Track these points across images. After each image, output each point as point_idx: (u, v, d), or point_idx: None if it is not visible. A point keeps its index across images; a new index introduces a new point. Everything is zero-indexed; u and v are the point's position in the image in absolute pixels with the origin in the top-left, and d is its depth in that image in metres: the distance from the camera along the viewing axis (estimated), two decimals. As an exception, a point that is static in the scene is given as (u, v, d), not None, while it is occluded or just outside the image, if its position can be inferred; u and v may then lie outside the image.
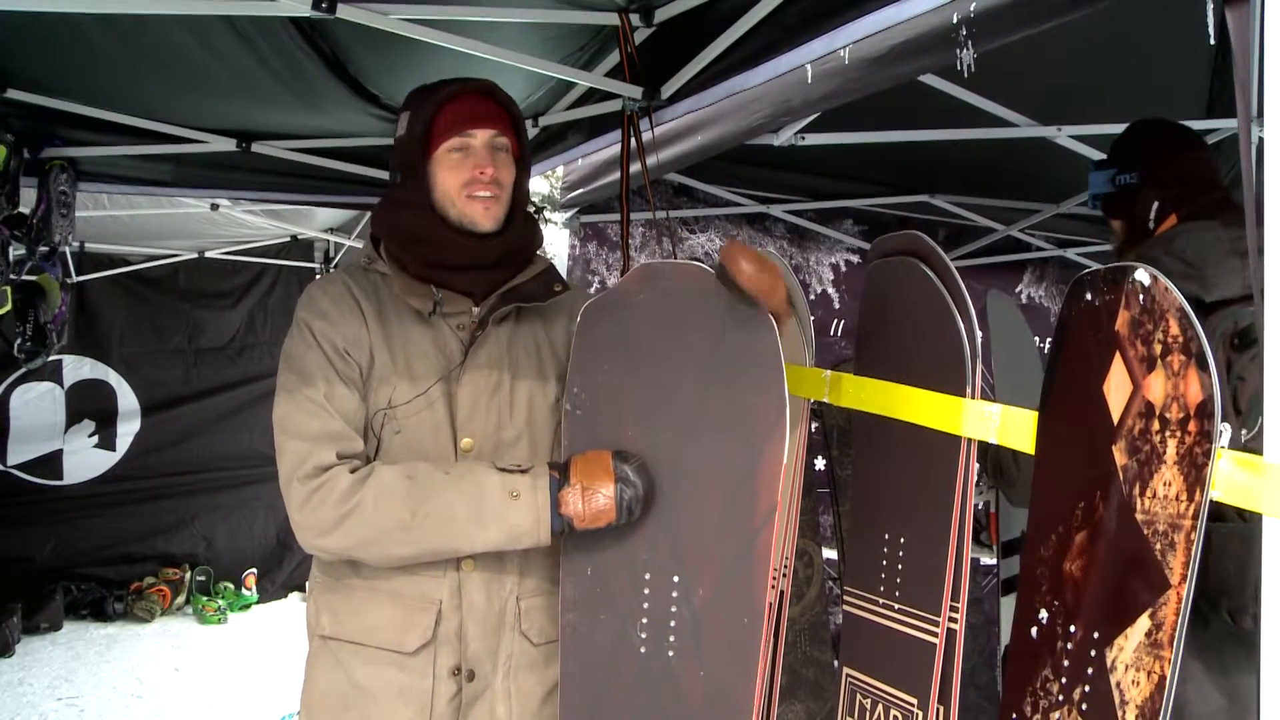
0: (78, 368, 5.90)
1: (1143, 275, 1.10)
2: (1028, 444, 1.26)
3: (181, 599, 5.91)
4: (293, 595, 6.05)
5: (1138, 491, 1.09)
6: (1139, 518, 1.08)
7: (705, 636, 1.48)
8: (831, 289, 4.20)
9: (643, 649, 1.54)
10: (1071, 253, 4.36)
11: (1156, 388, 1.08)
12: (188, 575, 5.99)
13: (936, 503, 1.38)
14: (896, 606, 1.46)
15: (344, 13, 1.84)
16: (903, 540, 1.46)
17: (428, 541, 1.55)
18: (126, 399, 6.01)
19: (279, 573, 6.14)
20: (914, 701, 1.40)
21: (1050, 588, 1.20)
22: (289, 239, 5.82)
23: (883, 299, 1.57)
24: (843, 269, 4.21)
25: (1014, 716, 1.24)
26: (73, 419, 5.88)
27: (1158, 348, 1.08)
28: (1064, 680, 1.16)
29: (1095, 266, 1.21)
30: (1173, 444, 1.06)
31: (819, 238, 4.13)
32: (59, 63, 2.39)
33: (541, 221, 1.79)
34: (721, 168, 3.31)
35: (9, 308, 3.19)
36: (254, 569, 6.06)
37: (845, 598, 1.58)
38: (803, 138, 2.74)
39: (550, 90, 2.58)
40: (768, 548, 1.41)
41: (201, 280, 6.11)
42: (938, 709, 1.37)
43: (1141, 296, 1.10)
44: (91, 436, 5.95)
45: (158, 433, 6.06)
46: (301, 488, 1.53)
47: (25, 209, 2.97)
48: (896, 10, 1.67)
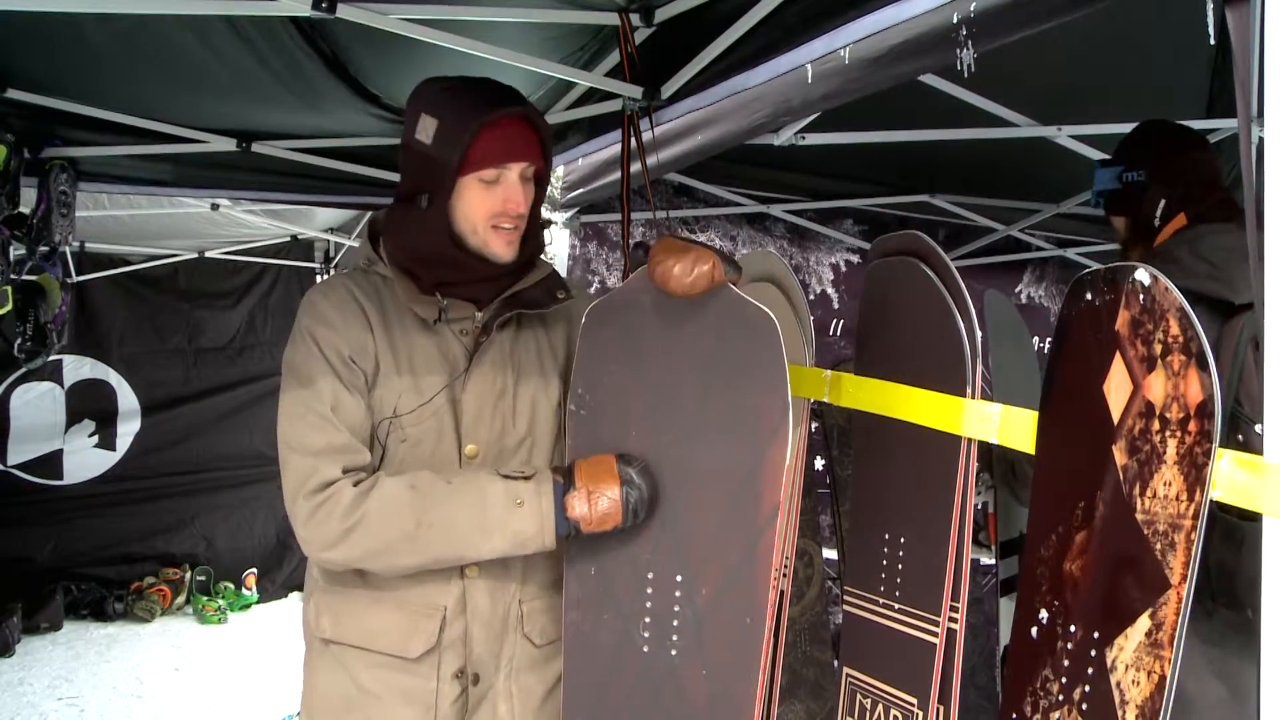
0: (78, 368, 5.91)
1: (1143, 275, 1.10)
2: (1028, 444, 1.26)
3: (182, 599, 5.91)
4: (293, 595, 6.05)
5: (1138, 491, 1.09)
6: (1139, 518, 1.08)
7: (708, 636, 1.48)
8: (831, 289, 4.20)
9: (646, 648, 1.54)
10: (1071, 253, 4.36)
11: (1157, 388, 1.08)
12: (188, 575, 5.99)
13: (936, 503, 1.38)
14: (896, 606, 1.46)
15: (344, 13, 1.84)
16: (903, 540, 1.46)
17: (433, 551, 1.55)
18: (126, 399, 6.02)
19: (279, 572, 6.14)
20: (914, 701, 1.40)
21: (1050, 588, 1.20)
22: (289, 239, 5.82)
23: (883, 299, 1.57)
24: (842, 269, 4.21)
25: (1014, 716, 1.24)
26: (73, 419, 5.89)
27: (1158, 347, 1.08)
28: (1064, 680, 1.16)
29: (1095, 266, 1.21)
30: (1173, 444, 1.06)
31: (819, 238, 4.13)
32: (59, 63, 2.39)
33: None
34: (721, 168, 3.31)
35: (9, 308, 3.19)
36: (254, 569, 6.07)
37: (845, 598, 1.58)
38: (803, 138, 2.74)
39: (550, 90, 2.58)
40: (770, 548, 1.41)
41: (201, 280, 6.11)
42: (938, 709, 1.37)
43: (1141, 296, 1.10)
44: (91, 436, 5.95)
45: (158, 433, 6.06)
46: (306, 503, 1.53)
47: (25, 209, 2.97)
48: (896, 10, 1.67)
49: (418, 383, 1.63)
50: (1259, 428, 0.97)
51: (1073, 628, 1.16)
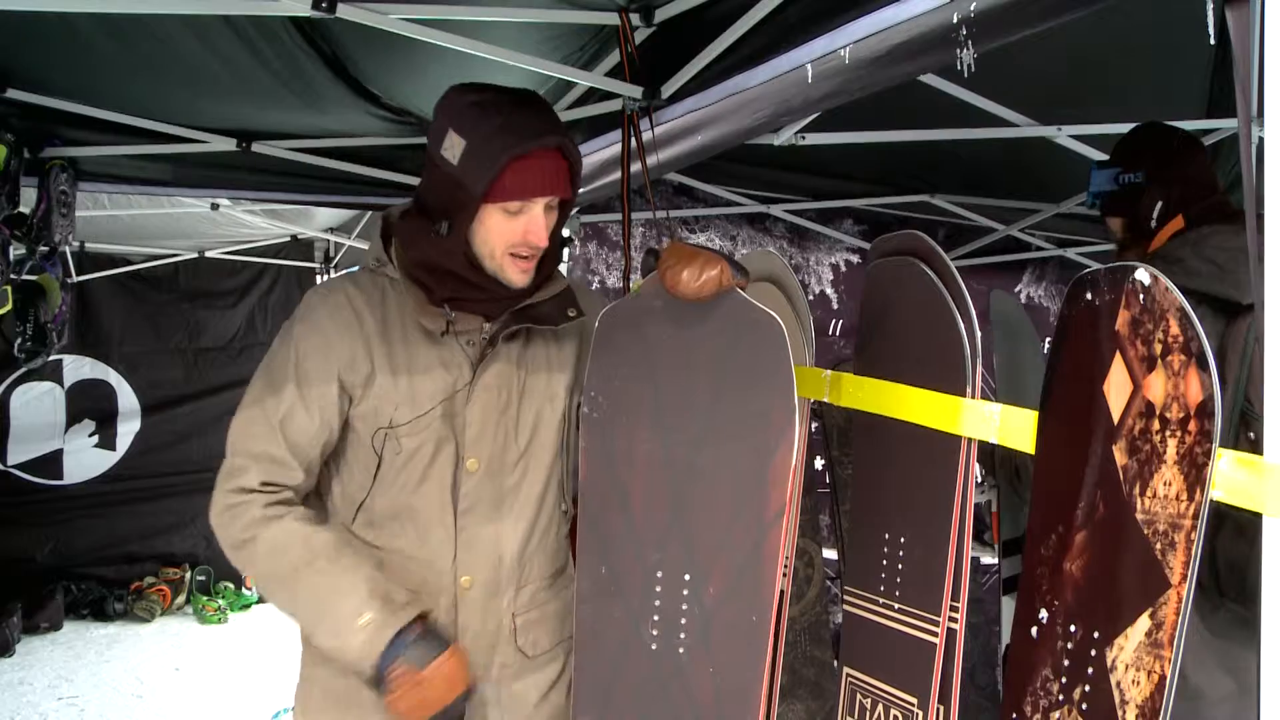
0: (78, 367, 5.91)
1: (1143, 275, 1.10)
2: (1028, 444, 1.26)
3: (182, 598, 5.92)
4: (293, 595, 6.04)
5: (1138, 491, 1.09)
6: (1139, 518, 1.08)
7: (715, 634, 1.48)
8: (830, 289, 4.20)
9: (654, 645, 1.55)
10: (1071, 252, 4.36)
11: (1157, 387, 1.08)
12: (188, 575, 5.99)
13: (936, 503, 1.38)
14: (896, 606, 1.46)
15: (344, 12, 1.84)
16: (903, 540, 1.46)
17: (289, 609, 1.58)
18: (127, 399, 6.02)
19: (279, 572, 6.13)
20: (914, 701, 1.40)
21: (1050, 588, 1.20)
22: (289, 239, 5.82)
23: (883, 299, 1.57)
24: (842, 269, 4.21)
25: (1014, 716, 1.24)
26: (73, 419, 5.89)
27: (1158, 347, 1.08)
28: (1064, 680, 1.16)
29: (1095, 266, 1.21)
30: (1173, 444, 1.06)
31: (819, 238, 4.13)
32: (59, 63, 2.39)
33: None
34: (721, 168, 3.31)
35: (9, 307, 3.19)
36: (254, 569, 6.06)
37: (845, 598, 1.58)
38: (803, 138, 2.74)
39: (550, 90, 2.58)
40: (776, 548, 1.41)
41: (201, 280, 6.12)
42: (938, 709, 1.37)
43: (1141, 296, 1.10)
44: (91, 436, 5.95)
45: (158, 432, 6.06)
46: (221, 500, 1.58)
47: (25, 209, 2.97)
48: (896, 10, 1.67)
49: (415, 394, 1.61)
50: None
51: (1073, 628, 1.16)
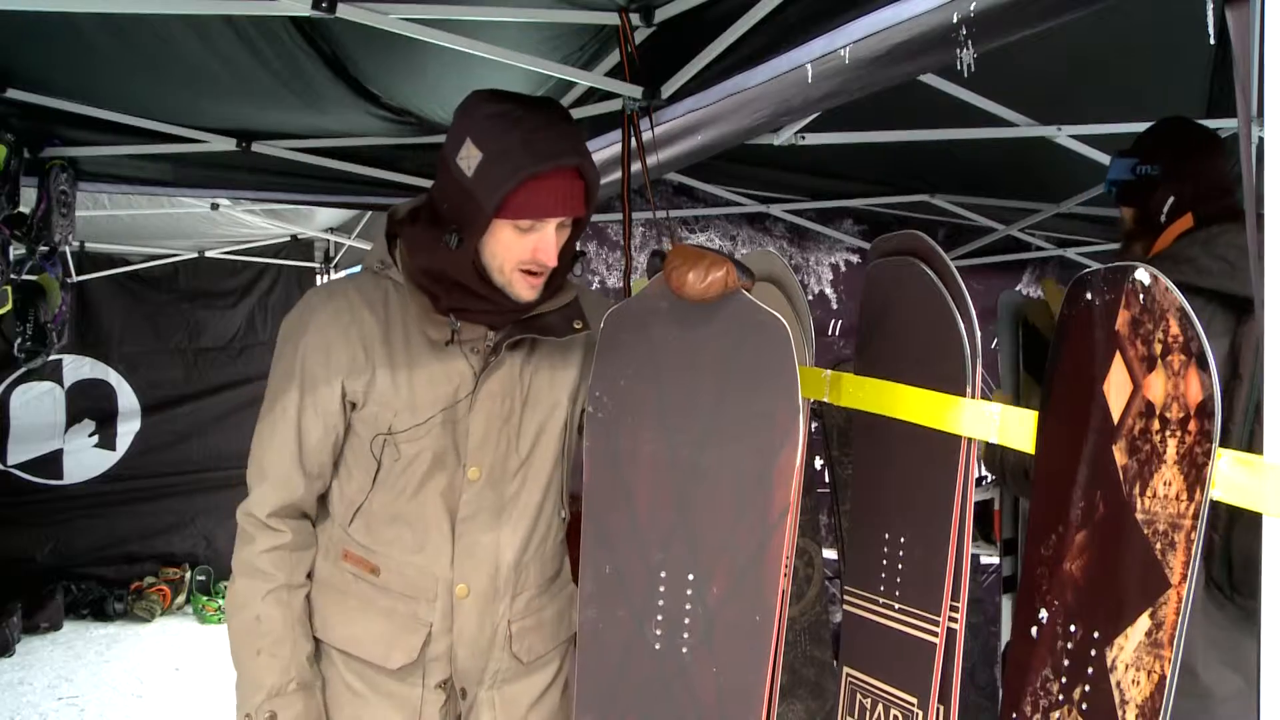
0: (78, 367, 5.91)
1: (1143, 275, 1.10)
2: (1028, 444, 1.26)
3: (182, 598, 5.92)
4: (293, 595, 6.04)
5: (1138, 491, 1.09)
6: (1139, 518, 1.08)
7: (718, 634, 1.48)
8: (829, 289, 4.20)
9: (658, 645, 1.55)
10: (1071, 252, 4.36)
11: (1157, 387, 1.08)
12: (188, 575, 5.99)
13: (936, 503, 1.38)
14: (896, 606, 1.46)
15: (344, 12, 1.84)
16: (903, 540, 1.46)
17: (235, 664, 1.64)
18: (126, 399, 6.02)
19: (279, 572, 6.14)
20: (914, 701, 1.40)
21: (1050, 587, 1.20)
22: (289, 239, 5.82)
23: (883, 299, 1.57)
24: (841, 269, 4.21)
25: (1014, 716, 1.24)
26: (73, 419, 5.89)
27: (1158, 347, 1.08)
28: (1064, 680, 1.16)
29: (1095, 266, 1.21)
30: (1173, 444, 1.06)
31: (819, 237, 4.13)
32: (59, 62, 2.39)
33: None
34: (721, 168, 3.31)
35: (9, 307, 3.19)
36: (254, 569, 6.06)
37: (845, 597, 1.59)
38: (803, 137, 2.74)
39: (550, 90, 2.58)
40: (780, 548, 1.41)
41: (201, 280, 6.12)
42: (938, 709, 1.37)
43: (1141, 296, 1.10)
44: (91, 436, 5.95)
45: (158, 432, 6.06)
46: (241, 519, 1.66)
47: (25, 209, 2.97)
48: (896, 10, 1.67)
49: (416, 402, 1.60)
50: None
51: (1073, 627, 1.16)
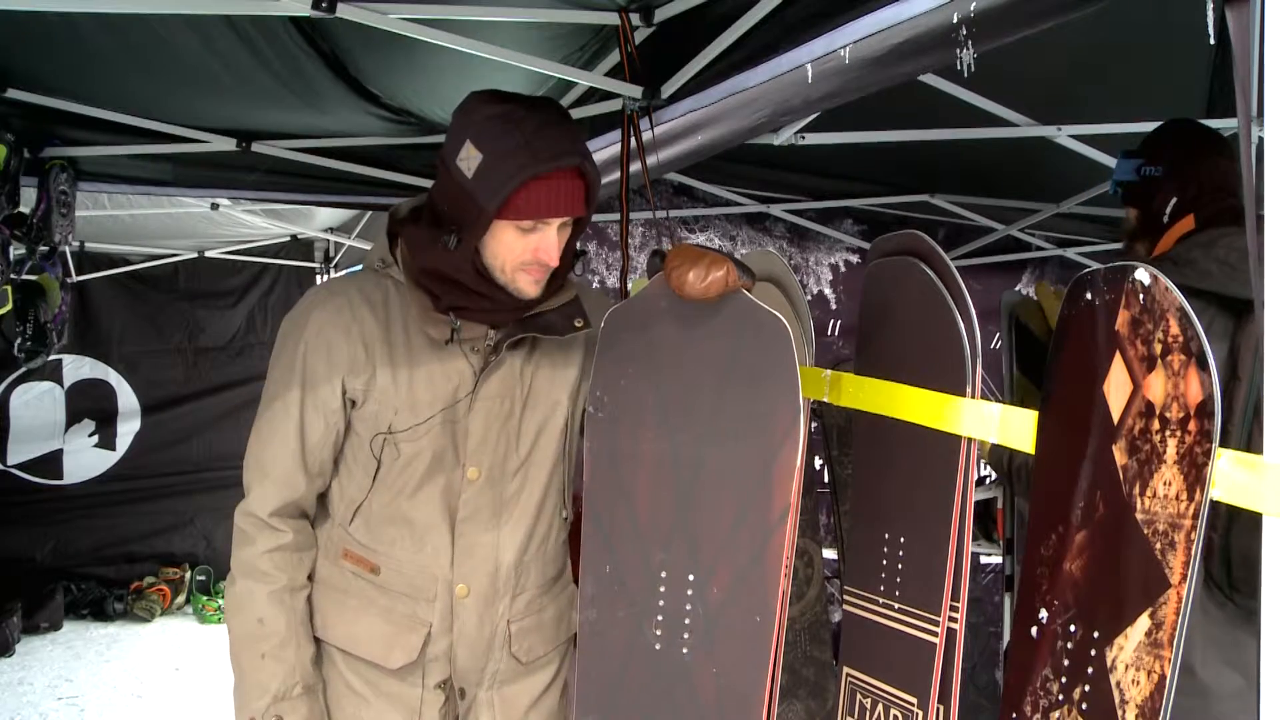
0: (78, 367, 5.91)
1: (1143, 275, 1.10)
2: (1028, 444, 1.26)
3: (182, 598, 5.92)
4: (293, 595, 6.04)
5: (1138, 491, 1.09)
6: (1139, 517, 1.08)
7: (719, 634, 1.48)
8: (829, 289, 4.20)
9: (658, 646, 1.55)
10: (1071, 252, 4.36)
11: (1157, 387, 1.08)
12: (188, 575, 5.99)
13: (936, 502, 1.38)
14: (896, 606, 1.46)
15: (344, 12, 1.84)
16: (903, 540, 1.46)
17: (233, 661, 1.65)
18: (126, 398, 6.02)
19: (279, 572, 6.14)
20: (914, 701, 1.40)
21: (1050, 587, 1.20)
22: (289, 239, 5.82)
23: (883, 299, 1.57)
24: (841, 269, 4.21)
25: (1014, 716, 1.24)
26: (73, 419, 5.89)
27: (1158, 347, 1.08)
28: (1064, 680, 1.16)
29: (1095, 266, 1.21)
30: (1173, 444, 1.06)
31: (819, 238, 4.13)
32: (59, 62, 2.39)
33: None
34: (721, 168, 3.31)
35: (9, 307, 3.19)
36: (254, 568, 6.06)
37: (845, 597, 1.59)
38: (803, 137, 2.74)
39: (550, 90, 2.58)
40: (781, 548, 1.41)
41: (201, 280, 6.12)
42: (938, 709, 1.37)
43: (1141, 296, 1.10)
44: (91, 436, 5.95)
45: (158, 432, 6.06)
46: (239, 518, 1.65)
47: (25, 209, 2.97)
48: (896, 10, 1.67)
49: (415, 401, 1.60)
50: None
51: (1073, 627, 1.16)
